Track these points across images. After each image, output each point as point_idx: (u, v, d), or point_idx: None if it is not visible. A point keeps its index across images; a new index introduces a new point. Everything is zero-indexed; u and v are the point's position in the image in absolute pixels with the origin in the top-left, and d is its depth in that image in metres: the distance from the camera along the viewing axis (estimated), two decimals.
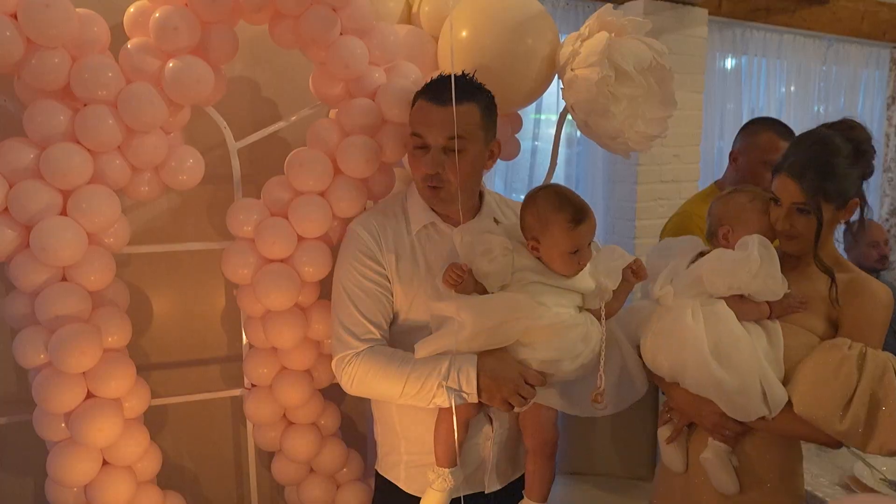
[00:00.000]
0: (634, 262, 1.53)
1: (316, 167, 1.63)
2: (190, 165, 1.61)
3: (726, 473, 1.51)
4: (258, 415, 1.79)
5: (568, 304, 1.47)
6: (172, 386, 1.99)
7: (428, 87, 1.48)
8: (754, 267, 1.44)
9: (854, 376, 1.37)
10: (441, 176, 1.45)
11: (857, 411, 1.35)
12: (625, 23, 1.77)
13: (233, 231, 1.68)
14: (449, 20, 1.77)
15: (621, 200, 3.10)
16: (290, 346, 1.71)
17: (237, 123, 1.88)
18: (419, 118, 1.47)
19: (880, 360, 1.38)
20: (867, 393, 1.36)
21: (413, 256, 1.52)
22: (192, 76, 1.47)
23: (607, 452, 2.55)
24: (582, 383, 1.49)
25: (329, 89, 1.69)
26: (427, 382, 1.40)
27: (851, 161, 1.45)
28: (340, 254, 1.56)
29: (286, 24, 1.61)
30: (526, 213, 1.48)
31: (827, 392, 1.38)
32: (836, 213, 1.48)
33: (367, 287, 1.49)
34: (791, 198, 1.47)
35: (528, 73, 1.80)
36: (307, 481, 1.86)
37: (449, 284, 1.42)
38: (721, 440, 1.51)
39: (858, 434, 1.37)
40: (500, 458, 1.59)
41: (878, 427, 1.35)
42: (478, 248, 1.43)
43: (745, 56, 3.50)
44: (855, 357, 1.38)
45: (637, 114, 1.86)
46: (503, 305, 1.41)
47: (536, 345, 1.43)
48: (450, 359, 1.40)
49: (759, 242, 1.47)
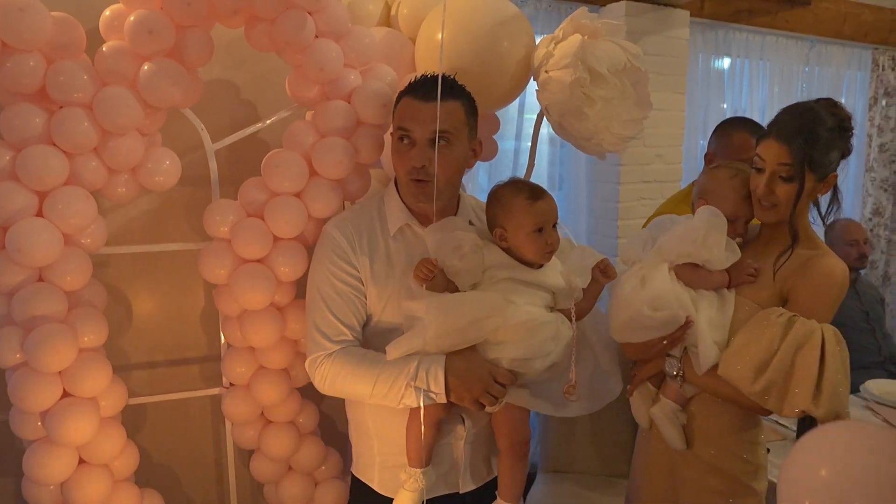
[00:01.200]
0: (602, 262, 1.54)
1: (291, 168, 1.65)
2: (167, 167, 1.63)
3: (674, 429, 1.57)
4: (236, 413, 1.80)
5: (538, 302, 1.48)
6: (153, 385, 2.01)
7: (413, 85, 1.48)
8: (699, 235, 1.49)
9: (776, 342, 1.41)
10: (427, 169, 1.45)
11: (773, 375, 1.40)
12: (599, 25, 1.79)
13: (209, 232, 1.70)
14: (439, 20, 1.79)
15: (604, 201, 3.11)
16: (267, 346, 1.73)
17: (216, 125, 1.90)
18: (406, 114, 1.47)
19: (807, 328, 1.41)
20: (787, 358, 1.40)
21: (388, 258, 1.52)
22: (167, 79, 1.49)
23: (587, 450, 2.58)
24: (554, 383, 1.50)
25: (305, 92, 1.71)
26: (396, 383, 1.41)
27: (834, 134, 1.46)
28: (315, 255, 1.56)
29: (262, 28, 1.63)
30: (489, 207, 1.52)
31: (747, 354, 1.43)
32: (815, 185, 1.48)
33: (340, 289, 1.49)
34: (777, 159, 1.47)
35: (504, 75, 1.82)
36: (286, 479, 1.88)
37: (420, 279, 1.42)
38: (671, 397, 1.57)
39: (772, 397, 1.42)
40: (473, 458, 1.60)
41: (789, 392, 1.40)
42: (448, 246, 1.43)
43: (728, 57, 3.52)
44: (782, 324, 1.42)
45: (612, 115, 1.87)
46: (473, 305, 1.42)
47: (507, 344, 1.43)
48: (418, 359, 1.41)
49: (708, 212, 1.51)
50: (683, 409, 1.59)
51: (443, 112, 1.41)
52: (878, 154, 4.11)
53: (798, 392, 1.39)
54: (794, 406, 1.40)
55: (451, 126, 1.45)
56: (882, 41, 3.96)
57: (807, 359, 1.39)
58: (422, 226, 1.55)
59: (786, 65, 3.72)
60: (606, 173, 3.09)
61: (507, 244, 1.48)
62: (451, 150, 1.46)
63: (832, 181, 1.50)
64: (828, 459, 1.07)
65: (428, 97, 1.43)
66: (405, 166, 1.47)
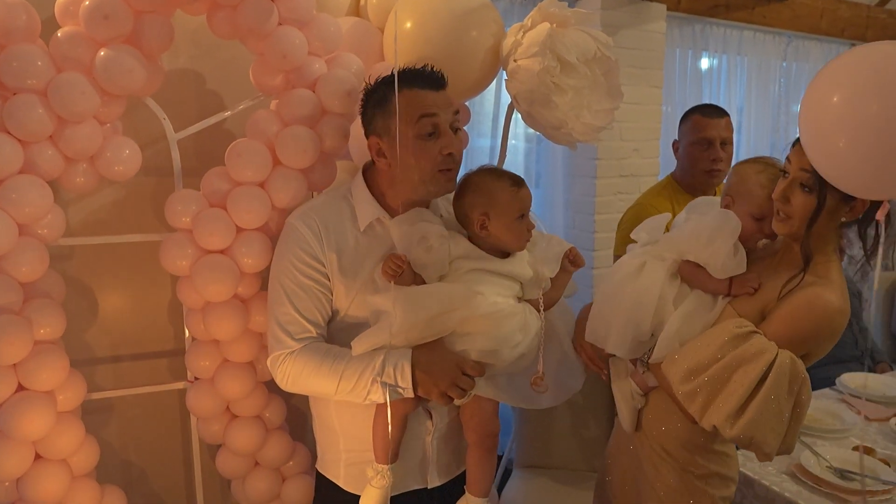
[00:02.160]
0: (570, 251, 1.52)
1: (254, 158, 1.62)
2: (126, 156, 1.60)
3: (627, 410, 1.56)
4: (201, 408, 1.77)
5: (506, 293, 1.46)
6: (118, 380, 1.98)
7: (415, 78, 1.42)
8: (704, 236, 1.41)
9: (722, 350, 1.30)
10: (455, 156, 1.43)
11: (705, 382, 1.30)
12: (568, 14, 1.78)
13: (171, 222, 1.67)
14: (407, 9, 1.77)
15: (581, 195, 3.10)
16: (231, 338, 1.70)
17: (182, 115, 1.87)
18: (425, 104, 1.40)
19: (759, 346, 1.28)
20: (726, 370, 1.28)
21: (356, 252, 1.47)
22: (123, 66, 1.46)
23: (563, 445, 2.56)
24: (522, 375, 1.49)
25: (269, 80, 1.69)
26: (361, 379, 1.38)
27: None
28: (278, 248, 1.50)
29: (224, 15, 1.60)
30: (467, 194, 1.47)
31: (691, 354, 1.34)
32: (839, 206, 1.30)
33: (304, 283, 1.44)
34: (799, 164, 1.30)
35: (473, 65, 1.81)
36: (252, 474, 1.85)
37: (388, 276, 1.38)
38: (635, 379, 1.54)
39: (695, 403, 1.32)
40: (441, 453, 1.57)
41: (713, 404, 1.30)
42: (414, 238, 1.40)
43: (706, 52, 3.53)
44: (738, 335, 1.30)
45: (583, 105, 1.86)
46: (439, 297, 1.39)
47: (474, 335, 1.41)
48: (384, 354, 1.38)
49: (723, 215, 1.42)
50: (644, 395, 1.55)
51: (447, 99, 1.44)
52: None
53: (720, 406, 1.29)
54: (710, 419, 1.30)
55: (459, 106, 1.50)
56: (859, 37, 3.98)
57: (744, 376, 1.27)
58: (391, 218, 1.51)
59: (763, 60, 3.73)
60: (583, 168, 3.09)
61: (488, 232, 1.44)
62: (462, 133, 1.50)
63: (860, 208, 1.30)
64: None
65: (437, 86, 1.43)
66: (434, 158, 1.41)
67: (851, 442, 2.16)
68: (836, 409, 2.36)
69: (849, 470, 1.90)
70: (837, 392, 2.57)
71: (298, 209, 1.52)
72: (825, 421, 2.27)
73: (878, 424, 2.30)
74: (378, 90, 1.44)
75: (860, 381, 2.62)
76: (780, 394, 1.26)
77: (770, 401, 1.25)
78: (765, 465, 1.98)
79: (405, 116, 1.38)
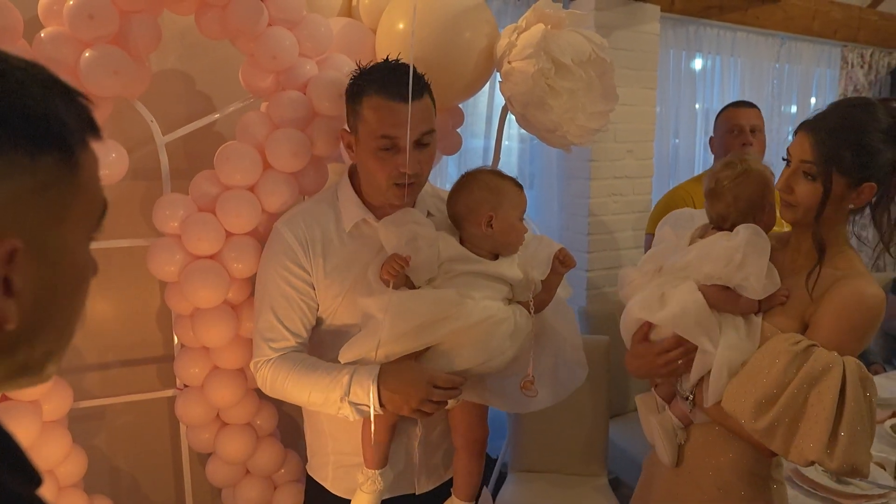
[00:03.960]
0: (560, 252, 1.48)
1: (244, 161, 1.59)
2: (113, 160, 1.56)
3: (669, 445, 1.46)
4: (190, 416, 1.74)
5: (496, 295, 1.42)
6: (108, 387, 1.94)
7: (381, 82, 1.35)
8: (736, 258, 1.33)
9: (788, 374, 1.21)
10: (415, 173, 1.39)
11: (780, 413, 1.21)
12: (563, 15, 1.75)
13: (158, 227, 1.64)
14: (400, 10, 1.74)
15: (575, 196, 3.09)
16: (221, 345, 1.67)
17: (170, 117, 1.84)
18: (386, 119, 1.34)
19: (825, 360, 1.20)
20: (799, 395, 1.20)
21: (344, 256, 1.45)
22: (108, 67, 1.43)
23: (560, 450, 2.55)
24: (513, 378, 1.46)
25: (259, 81, 1.66)
26: (330, 396, 1.35)
27: (885, 137, 1.24)
28: (264, 254, 1.50)
29: (213, 15, 1.57)
30: (473, 191, 1.43)
31: (753, 385, 1.24)
32: (846, 192, 1.27)
33: (287, 293, 1.43)
34: (800, 155, 1.29)
35: (467, 67, 1.78)
36: (243, 483, 1.82)
37: (390, 276, 1.34)
38: (676, 414, 1.45)
39: (777, 438, 1.22)
40: (429, 458, 1.56)
41: (798, 435, 1.20)
42: (402, 239, 1.38)
43: (700, 53, 3.52)
44: (796, 353, 1.22)
45: (577, 107, 1.84)
46: (429, 303, 1.35)
47: (463, 348, 1.37)
48: (352, 371, 1.35)
49: (750, 231, 1.35)
50: (685, 429, 1.46)
51: (423, 110, 1.36)
52: None
53: (809, 437, 1.18)
54: (803, 454, 1.19)
55: (432, 124, 1.41)
56: (851, 38, 3.98)
57: (822, 397, 1.18)
58: (378, 219, 1.48)
59: (757, 61, 3.73)
60: (577, 169, 3.07)
61: (493, 230, 1.41)
62: (432, 148, 1.42)
63: (868, 192, 1.28)
64: None
65: (404, 96, 1.32)
66: (389, 172, 1.38)
67: None
68: None
69: (849, 479, 1.89)
70: None
71: (286, 214, 1.50)
72: None
73: None
74: (355, 83, 1.41)
75: None
76: (861, 405, 1.18)
77: (857, 417, 1.17)
78: None
79: (368, 123, 1.37)
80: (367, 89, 1.36)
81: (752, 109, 2.46)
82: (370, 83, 1.36)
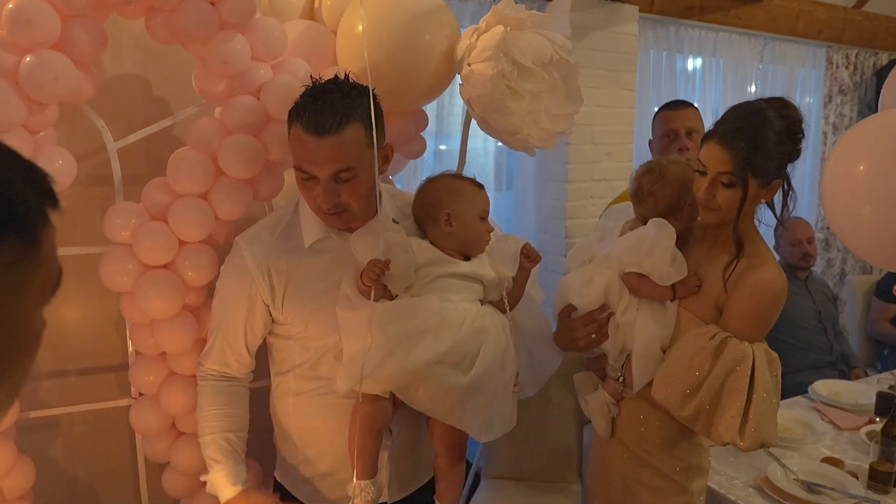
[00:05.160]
0: (525, 247, 1.49)
1: (195, 168, 1.56)
2: (59, 167, 1.53)
3: (603, 420, 1.62)
4: (145, 425, 1.71)
5: (473, 297, 1.44)
6: (65, 395, 1.91)
7: (301, 112, 1.31)
8: (643, 247, 1.49)
9: (706, 365, 1.39)
10: (340, 203, 1.35)
11: (701, 401, 1.39)
12: (524, 17, 1.73)
13: (109, 236, 1.60)
14: (359, 12, 1.71)
15: (552, 199, 3.05)
16: (181, 351, 1.64)
17: (127, 123, 1.81)
18: (300, 152, 1.32)
19: (737, 352, 1.38)
20: (716, 383, 1.38)
21: (307, 272, 1.43)
22: (49, 73, 1.39)
23: (532, 456, 2.51)
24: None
25: (212, 86, 1.62)
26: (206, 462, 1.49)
27: (781, 138, 1.39)
28: (224, 268, 1.50)
29: (161, 19, 1.54)
30: (430, 193, 1.45)
31: (678, 377, 1.42)
32: (759, 191, 1.42)
33: (240, 312, 1.45)
34: (718, 167, 1.40)
35: (427, 69, 1.76)
36: (201, 493, 1.78)
37: (371, 282, 1.32)
38: (609, 391, 1.60)
39: (700, 422, 1.41)
40: (399, 468, 1.55)
41: (716, 419, 1.39)
42: (376, 251, 1.35)
43: (680, 54, 3.49)
44: (712, 348, 1.39)
45: (541, 110, 1.82)
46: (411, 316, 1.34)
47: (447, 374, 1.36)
48: (218, 466, 1.47)
49: (657, 225, 1.49)
50: (617, 404, 1.61)
51: (341, 145, 1.29)
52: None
53: (723, 422, 1.38)
54: (720, 437, 1.39)
55: (354, 157, 1.31)
56: (836, 39, 3.95)
57: (735, 384, 1.37)
58: (340, 233, 1.45)
59: (740, 62, 3.70)
60: (555, 172, 3.04)
61: (452, 229, 1.41)
62: (358, 181, 1.34)
63: (776, 187, 1.44)
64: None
65: (322, 131, 1.27)
66: (313, 202, 1.37)
67: (821, 452, 2.12)
68: (806, 417, 2.33)
69: (817, 483, 1.86)
70: (809, 400, 2.53)
71: (248, 231, 1.49)
72: (795, 430, 2.23)
73: (849, 434, 2.26)
74: (294, 104, 1.36)
75: (832, 387, 2.59)
76: (768, 388, 1.38)
77: (763, 399, 1.37)
78: (731, 479, 1.95)
79: (292, 151, 1.37)
80: (293, 116, 1.34)
81: (687, 110, 2.35)
82: (296, 109, 1.33)
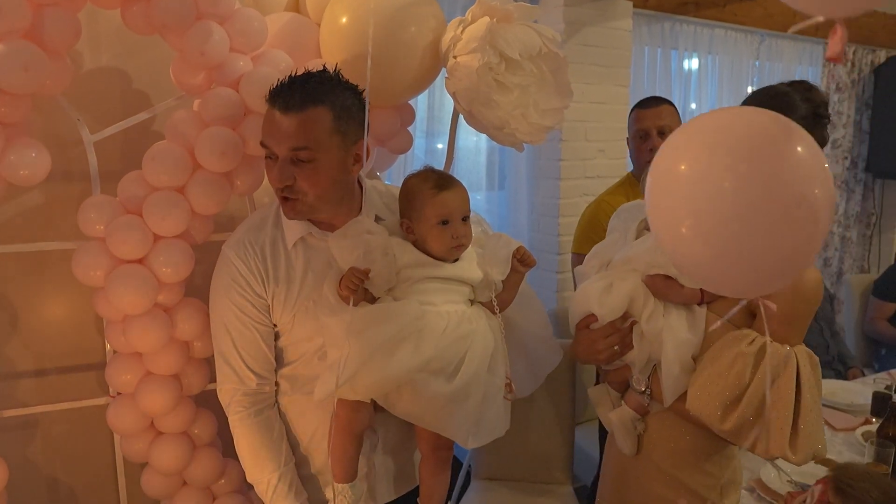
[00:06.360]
0: (518, 250, 1.45)
1: (171, 161, 1.53)
2: (32, 159, 1.48)
3: (629, 437, 1.49)
4: (123, 425, 1.67)
5: (458, 299, 1.40)
6: (44, 394, 1.87)
7: (273, 92, 1.33)
8: None
9: (747, 373, 1.27)
10: (293, 187, 1.32)
11: (745, 412, 1.27)
12: (511, 9, 1.69)
13: (83, 230, 1.57)
14: (342, 4, 1.68)
15: (545, 197, 3.02)
16: (153, 350, 1.60)
17: (105, 116, 1.77)
18: (265, 127, 1.33)
19: (779, 357, 1.28)
20: (758, 393, 1.27)
21: (290, 273, 1.42)
22: (18, 62, 1.35)
23: (522, 458, 2.48)
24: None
25: (189, 78, 1.59)
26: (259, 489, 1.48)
27: (808, 123, 1.29)
28: (214, 280, 1.47)
29: (138, 9, 1.51)
30: (400, 198, 1.43)
31: (716, 389, 1.30)
32: None
33: (246, 322, 1.43)
34: None
35: (412, 62, 1.72)
36: (180, 494, 1.75)
37: (350, 291, 1.29)
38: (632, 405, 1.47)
39: (745, 436, 1.30)
40: (387, 470, 1.53)
41: (763, 431, 1.27)
42: (356, 252, 1.32)
43: (675, 50, 3.45)
44: (752, 354, 1.28)
45: (529, 103, 1.78)
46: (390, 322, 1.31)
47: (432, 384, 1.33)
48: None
49: None
50: (643, 419, 1.48)
51: (303, 123, 1.28)
52: (830, 150, 4.08)
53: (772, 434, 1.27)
54: (769, 453, 1.29)
55: (313, 139, 1.30)
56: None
57: (781, 392, 1.27)
58: (322, 232, 1.43)
59: (735, 59, 3.66)
60: (548, 169, 3.01)
61: (414, 237, 1.39)
62: (315, 166, 1.31)
63: None
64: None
65: (287, 107, 1.28)
66: (271, 181, 1.36)
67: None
68: None
69: (811, 485, 1.83)
70: None
71: (232, 238, 1.47)
72: None
73: (844, 435, 2.23)
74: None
75: (828, 388, 2.55)
76: (814, 394, 1.28)
77: (812, 407, 1.27)
78: None
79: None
80: (268, 96, 1.34)
81: (660, 107, 2.27)
82: (272, 89, 1.33)
